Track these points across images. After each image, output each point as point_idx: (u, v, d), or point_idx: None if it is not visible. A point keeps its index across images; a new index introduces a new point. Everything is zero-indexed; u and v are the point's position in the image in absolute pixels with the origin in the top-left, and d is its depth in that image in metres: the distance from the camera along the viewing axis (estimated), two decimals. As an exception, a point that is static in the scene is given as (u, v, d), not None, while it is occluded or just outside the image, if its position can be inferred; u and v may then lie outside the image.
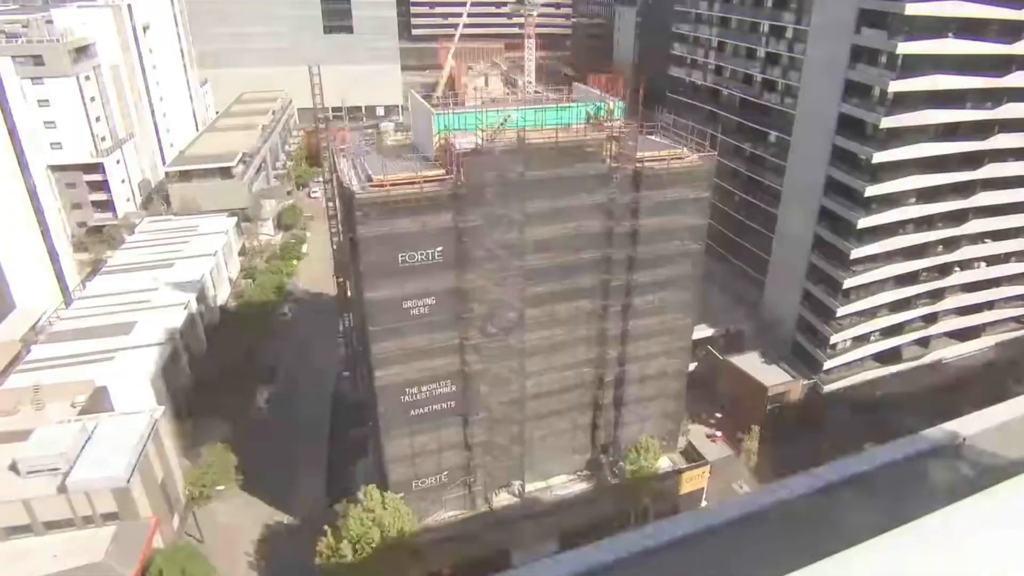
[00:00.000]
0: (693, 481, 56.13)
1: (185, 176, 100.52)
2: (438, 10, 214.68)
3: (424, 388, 44.61)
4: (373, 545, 42.58)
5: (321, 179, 75.84)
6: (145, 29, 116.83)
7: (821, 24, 63.37)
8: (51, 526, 44.88)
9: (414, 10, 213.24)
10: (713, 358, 69.60)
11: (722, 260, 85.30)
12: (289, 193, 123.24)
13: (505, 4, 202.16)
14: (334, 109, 69.19)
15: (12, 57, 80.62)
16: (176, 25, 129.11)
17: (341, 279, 58.29)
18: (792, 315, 70.26)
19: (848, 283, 62.64)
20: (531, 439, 50.46)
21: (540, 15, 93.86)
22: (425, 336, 42.86)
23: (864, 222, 60.26)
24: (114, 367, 55.56)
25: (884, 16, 56.44)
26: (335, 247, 57.63)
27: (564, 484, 53.70)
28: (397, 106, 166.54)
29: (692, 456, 57.52)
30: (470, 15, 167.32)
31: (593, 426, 53.05)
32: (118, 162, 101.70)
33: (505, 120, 41.24)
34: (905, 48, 55.29)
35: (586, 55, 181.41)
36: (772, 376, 65.85)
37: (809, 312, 68.00)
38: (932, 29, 56.75)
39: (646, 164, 45.02)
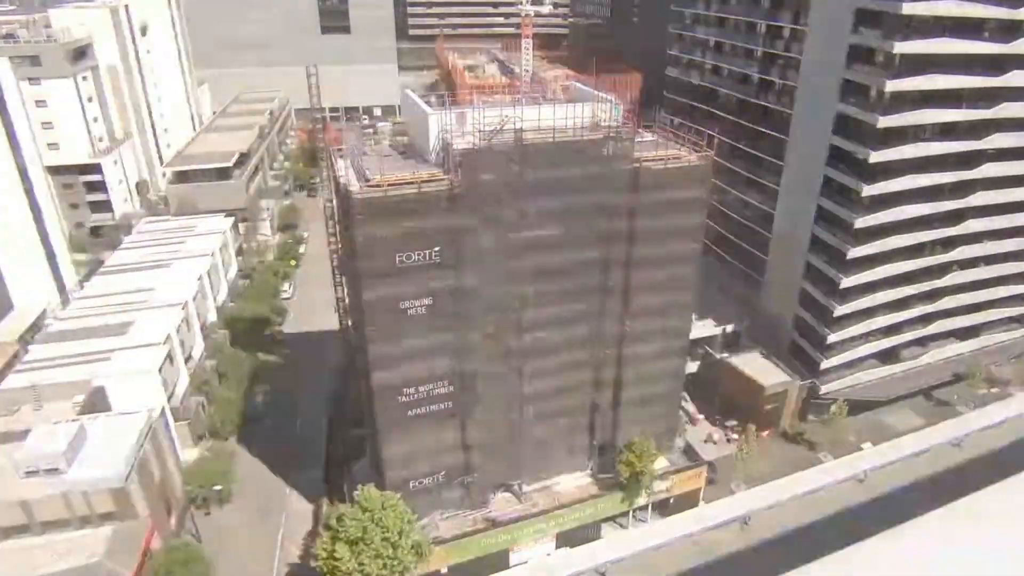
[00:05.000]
0: (690, 481, 56.29)
1: (183, 176, 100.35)
2: (435, 10, 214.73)
3: (422, 388, 44.58)
4: (371, 546, 42.53)
5: (319, 179, 75.76)
6: (143, 29, 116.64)
7: (818, 24, 63.40)
8: (49, 526, 44.84)
9: (411, 10, 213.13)
10: (711, 358, 69.62)
11: (720, 260, 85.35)
12: (287, 193, 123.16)
13: (502, 4, 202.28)
14: (331, 109, 69.12)
15: (9, 57, 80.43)
16: (174, 25, 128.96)
17: (339, 279, 58.25)
18: (790, 315, 70.40)
19: (845, 283, 62.71)
20: (529, 440, 50.48)
21: (537, 15, 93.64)
22: (422, 337, 42.81)
23: (861, 222, 60.39)
24: (112, 367, 55.45)
25: (881, 16, 56.54)
26: (333, 248, 57.60)
27: (562, 484, 53.78)
28: (395, 106, 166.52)
29: (689, 456, 57.61)
30: (467, 15, 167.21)
31: (591, 427, 53.04)
32: (115, 163, 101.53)
33: (503, 120, 41.16)
34: (902, 48, 55.37)
35: (583, 55, 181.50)
36: (770, 376, 65.85)
37: (806, 312, 68.11)
38: (929, 29, 56.86)
39: (644, 164, 45.03)
